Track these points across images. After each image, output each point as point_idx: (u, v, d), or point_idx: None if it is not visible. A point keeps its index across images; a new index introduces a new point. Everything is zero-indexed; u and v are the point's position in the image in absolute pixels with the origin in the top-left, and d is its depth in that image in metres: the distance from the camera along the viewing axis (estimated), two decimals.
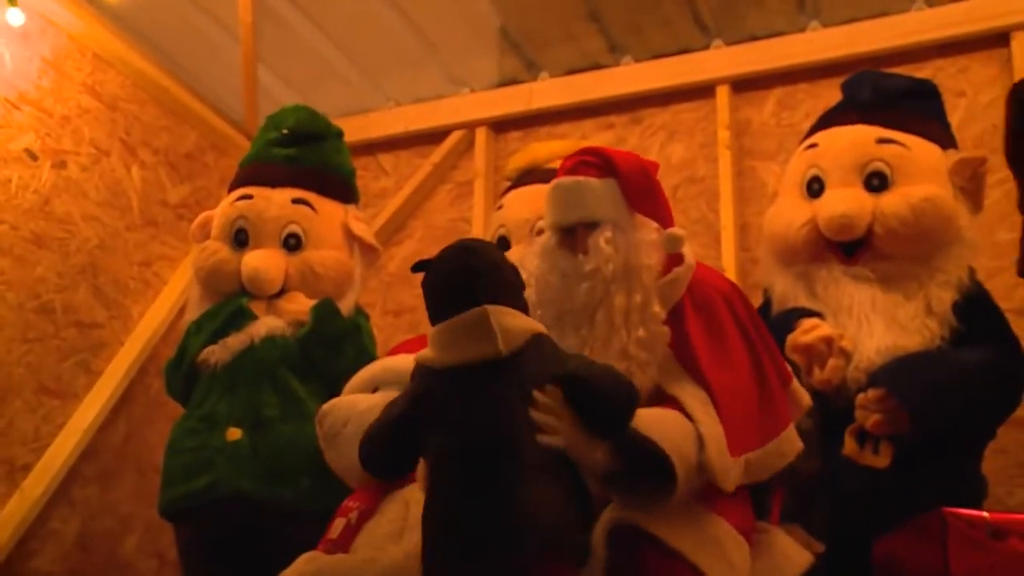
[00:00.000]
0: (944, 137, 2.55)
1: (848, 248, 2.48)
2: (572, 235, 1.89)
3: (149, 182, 3.41)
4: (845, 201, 2.45)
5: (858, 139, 2.54)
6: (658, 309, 1.79)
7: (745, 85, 3.43)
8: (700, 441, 1.70)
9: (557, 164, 2.98)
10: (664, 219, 1.91)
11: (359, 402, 2.21)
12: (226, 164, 3.68)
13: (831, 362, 2.25)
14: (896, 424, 2.14)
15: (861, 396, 2.21)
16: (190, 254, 3.11)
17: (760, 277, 2.82)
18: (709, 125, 3.44)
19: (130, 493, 3.19)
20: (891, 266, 2.43)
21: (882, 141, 2.52)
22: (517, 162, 3.07)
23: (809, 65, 3.34)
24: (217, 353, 2.66)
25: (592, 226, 1.83)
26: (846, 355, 2.28)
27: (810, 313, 2.40)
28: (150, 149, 3.43)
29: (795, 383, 2.04)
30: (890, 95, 2.58)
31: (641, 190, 1.89)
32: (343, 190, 2.95)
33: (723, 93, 3.42)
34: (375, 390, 2.25)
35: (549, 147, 3.13)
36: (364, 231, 2.93)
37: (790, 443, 1.88)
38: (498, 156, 3.73)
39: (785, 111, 3.39)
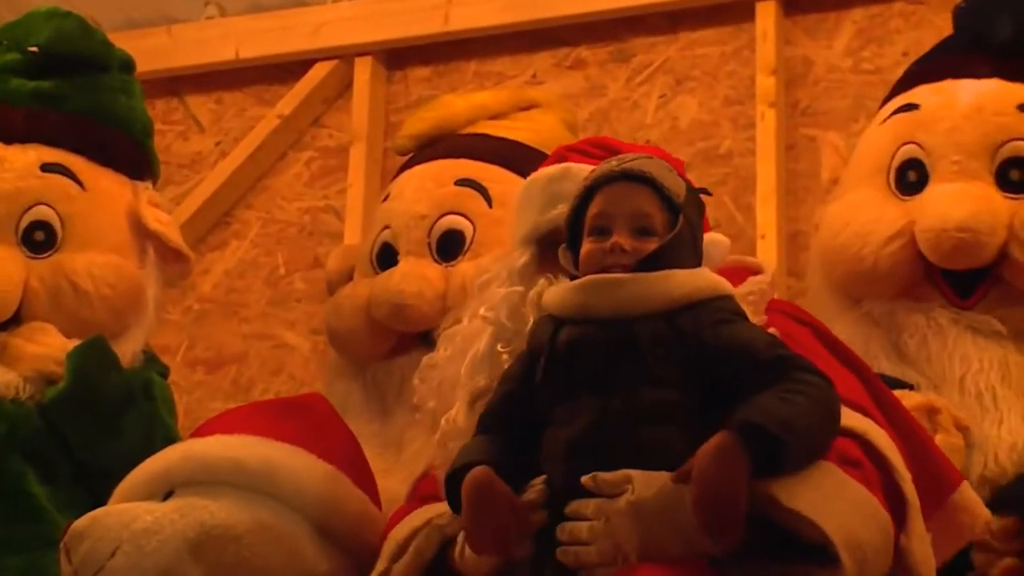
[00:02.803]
0: None
1: (963, 281, 2.54)
2: (555, 247, 2.07)
3: None
4: (967, 202, 2.50)
5: (989, 103, 2.60)
6: None
7: (803, 2, 3.47)
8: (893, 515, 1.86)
9: (485, 127, 3.09)
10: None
11: (139, 516, 2.18)
12: None
13: (941, 440, 2.29)
14: None
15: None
16: None
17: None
18: (742, 67, 3.48)
19: None
20: None
21: None
22: (417, 124, 3.12)
23: None
24: None
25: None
26: (963, 430, 2.35)
27: (895, 384, 2.41)
28: None
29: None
30: None
31: None
32: (131, 155, 2.97)
33: (767, 14, 3.45)
34: (169, 494, 2.23)
35: (472, 99, 3.19)
36: (164, 224, 2.94)
37: (969, 507, 2.07)
38: (392, 107, 3.75)
39: (869, 47, 3.43)
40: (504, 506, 1.79)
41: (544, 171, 2.19)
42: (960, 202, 2.50)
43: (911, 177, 2.61)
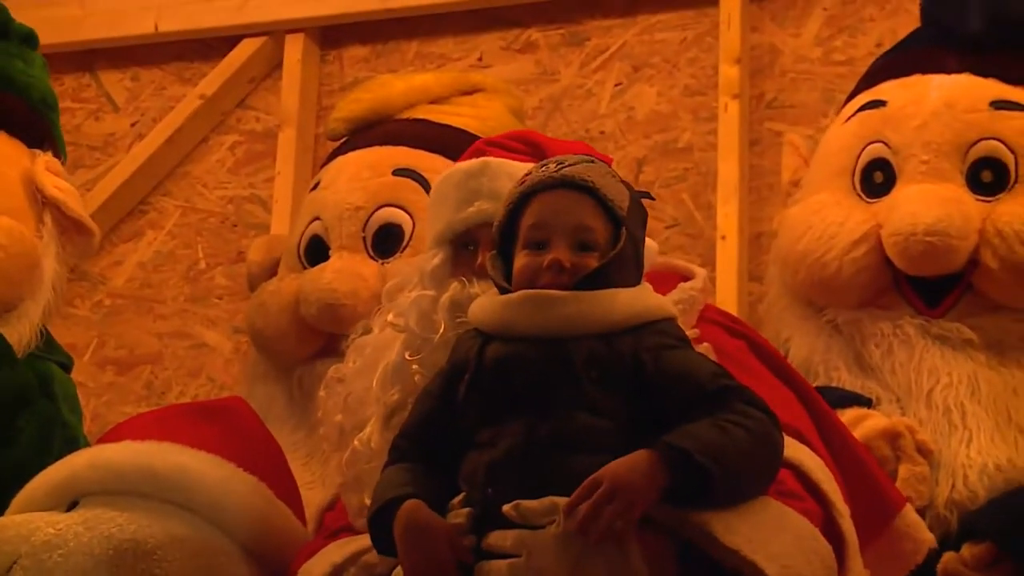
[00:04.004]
0: None
1: (931, 289, 2.59)
2: (470, 248, 2.14)
3: None
4: (937, 204, 2.55)
5: (960, 99, 2.66)
6: None
7: None
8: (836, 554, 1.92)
9: (425, 112, 3.12)
10: None
11: (40, 527, 2.18)
12: None
13: (904, 470, 2.36)
14: None
15: (949, 557, 2.31)
16: None
17: (770, 328, 2.92)
18: (704, 55, 3.53)
19: None
20: (1006, 325, 2.56)
21: (1001, 105, 2.65)
22: (352, 106, 3.15)
23: None
24: None
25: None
26: (928, 456, 2.39)
27: (853, 399, 2.51)
28: None
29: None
30: (1018, 24, 2.71)
31: None
32: (28, 122, 2.97)
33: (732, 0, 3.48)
34: (74, 504, 2.23)
35: (412, 81, 3.21)
36: (65, 192, 2.92)
37: (911, 533, 2.13)
38: (325, 89, 3.78)
39: (840, 36, 3.47)
40: (443, 540, 1.79)
41: (460, 166, 2.20)
42: (930, 204, 2.54)
43: (877, 178, 2.66)
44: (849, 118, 2.78)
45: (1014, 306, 2.56)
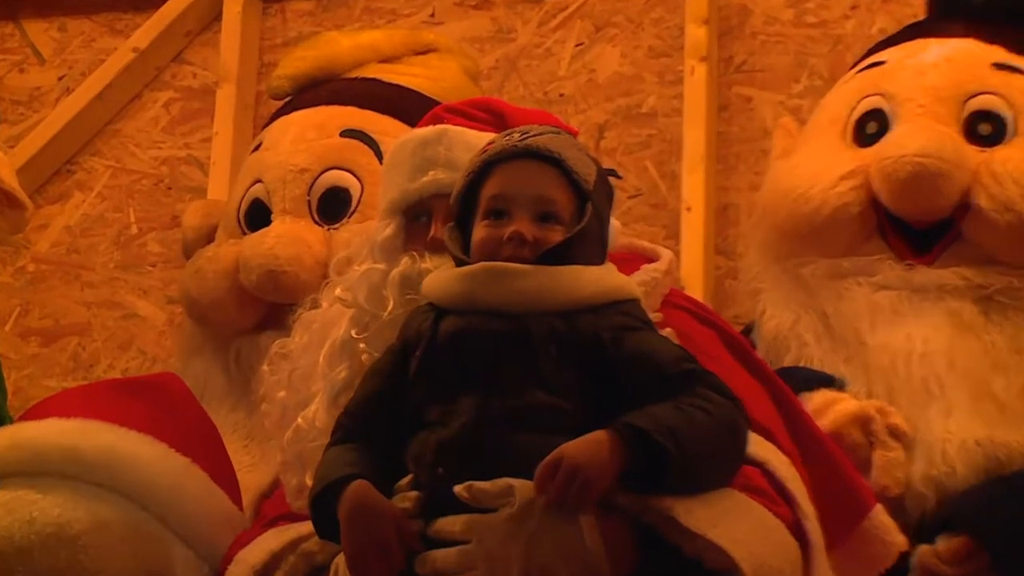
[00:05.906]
0: None
1: (919, 238, 2.58)
2: (423, 219, 2.15)
3: None
4: (929, 131, 2.55)
5: (962, 57, 2.71)
6: None
7: None
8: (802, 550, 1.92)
9: (374, 71, 3.12)
10: None
11: None
12: None
13: (879, 457, 2.36)
14: None
15: (924, 551, 2.31)
16: None
17: (743, 302, 2.97)
18: (670, 15, 3.50)
19: None
20: (994, 278, 2.54)
21: (1002, 67, 2.69)
22: (297, 63, 3.15)
23: None
24: None
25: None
26: (903, 439, 2.38)
27: (822, 379, 2.49)
28: None
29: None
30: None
31: None
32: None
33: None
34: None
35: (361, 38, 3.22)
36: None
37: (880, 535, 2.15)
38: (267, 44, 3.74)
39: None
40: (390, 525, 1.77)
41: (417, 132, 2.19)
42: (920, 132, 2.55)
43: (871, 128, 2.68)
44: (852, 77, 2.81)
45: (1004, 258, 2.54)
